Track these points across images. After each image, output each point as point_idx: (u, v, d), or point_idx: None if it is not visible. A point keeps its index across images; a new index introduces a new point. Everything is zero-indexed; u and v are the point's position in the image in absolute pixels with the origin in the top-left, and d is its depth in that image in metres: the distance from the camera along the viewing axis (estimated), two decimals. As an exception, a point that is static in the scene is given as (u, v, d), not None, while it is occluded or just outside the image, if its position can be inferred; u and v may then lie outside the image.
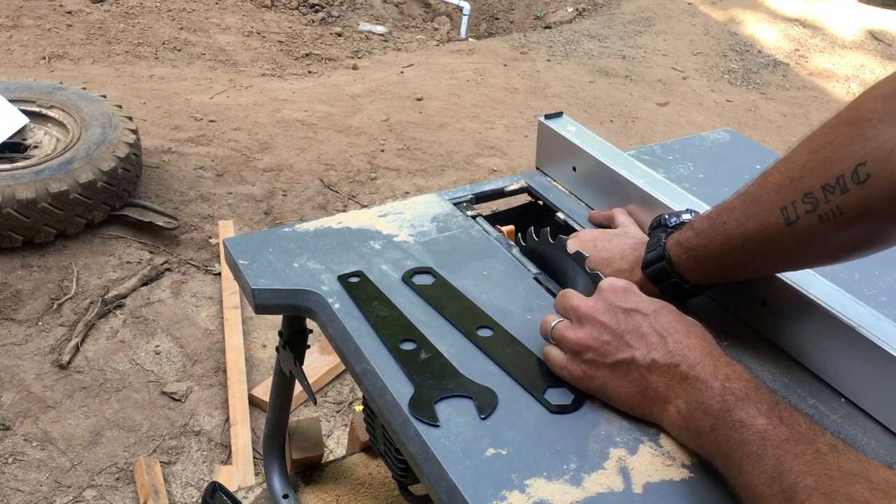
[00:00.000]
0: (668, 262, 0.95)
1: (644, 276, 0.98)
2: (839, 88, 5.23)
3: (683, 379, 0.77)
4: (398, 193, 3.50)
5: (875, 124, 0.76)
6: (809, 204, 0.80)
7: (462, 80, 4.78)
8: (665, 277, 0.96)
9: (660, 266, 0.96)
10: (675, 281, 0.95)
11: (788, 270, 0.94)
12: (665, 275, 0.96)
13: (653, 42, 5.63)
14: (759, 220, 0.85)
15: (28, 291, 2.68)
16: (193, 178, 3.40)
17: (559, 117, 1.34)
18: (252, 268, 1.05)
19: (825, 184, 0.78)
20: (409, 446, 0.81)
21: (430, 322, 0.96)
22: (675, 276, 0.95)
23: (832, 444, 0.67)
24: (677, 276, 0.95)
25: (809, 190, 0.80)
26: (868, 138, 0.76)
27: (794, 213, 0.81)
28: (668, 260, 0.95)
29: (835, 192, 0.78)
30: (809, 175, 0.80)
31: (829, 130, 0.81)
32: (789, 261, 0.89)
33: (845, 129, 0.79)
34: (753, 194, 0.87)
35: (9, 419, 2.27)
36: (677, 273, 0.95)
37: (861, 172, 0.75)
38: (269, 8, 5.71)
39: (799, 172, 0.82)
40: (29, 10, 5.05)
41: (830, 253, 0.85)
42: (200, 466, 2.22)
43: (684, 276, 0.95)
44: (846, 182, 0.77)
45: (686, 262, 0.94)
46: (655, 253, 0.97)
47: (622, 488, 0.75)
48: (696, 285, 0.96)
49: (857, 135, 0.77)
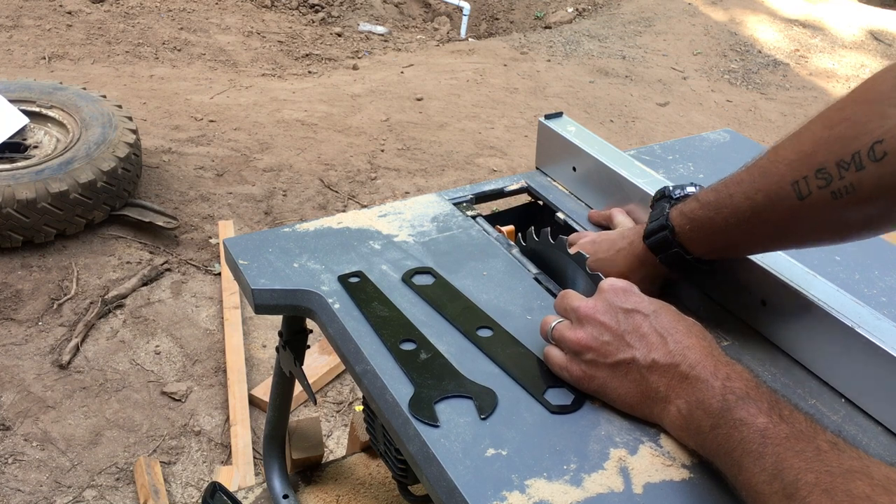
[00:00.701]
0: (671, 232, 0.94)
1: (645, 248, 0.97)
2: (839, 88, 5.23)
3: (684, 379, 0.77)
4: (398, 193, 3.50)
5: (893, 102, 0.75)
6: (822, 179, 0.79)
7: (462, 80, 4.78)
8: (667, 247, 0.95)
9: (662, 235, 0.95)
10: (677, 251, 0.94)
11: (792, 247, 0.93)
12: (667, 244, 0.95)
13: (653, 42, 5.63)
14: (768, 193, 0.84)
15: (28, 291, 2.68)
16: (193, 178, 3.40)
17: (559, 117, 1.34)
18: (252, 268, 1.05)
19: (840, 160, 0.78)
20: (409, 446, 0.81)
21: (430, 322, 0.96)
22: (677, 245, 0.94)
23: (832, 442, 0.67)
24: (679, 247, 0.94)
25: (823, 165, 0.79)
26: (886, 117, 0.75)
27: (806, 187, 0.81)
28: (670, 230, 0.94)
29: (850, 168, 0.77)
30: (823, 150, 0.80)
31: (845, 107, 0.81)
32: (796, 236, 0.88)
33: (862, 107, 0.78)
34: (763, 168, 0.86)
35: (9, 419, 2.27)
36: (679, 243, 0.94)
37: (878, 150, 0.75)
38: (269, 8, 5.71)
39: (812, 148, 0.81)
40: (29, 10, 5.05)
41: (839, 229, 0.84)
42: (200, 466, 2.22)
43: (686, 248, 0.94)
44: (862, 159, 0.76)
45: (689, 233, 0.93)
46: (658, 223, 0.96)
47: (622, 488, 0.75)
48: (698, 259, 0.95)
49: (874, 112, 0.77)
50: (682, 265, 0.96)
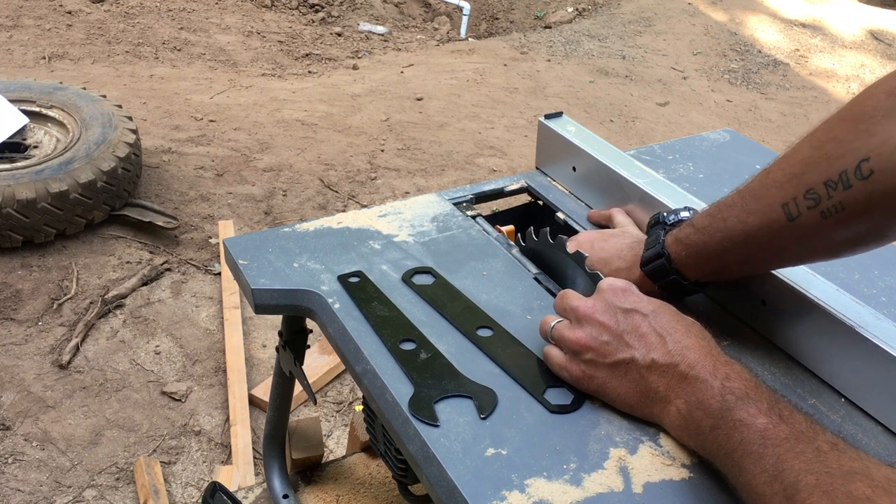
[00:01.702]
0: (667, 260, 0.95)
1: (643, 274, 0.98)
2: (839, 88, 5.23)
3: (683, 378, 0.77)
4: (398, 193, 3.50)
5: (879, 120, 0.75)
6: (811, 200, 0.79)
7: (462, 79, 4.78)
8: (664, 275, 0.96)
9: (659, 263, 0.96)
10: (675, 278, 0.95)
11: (788, 266, 0.93)
12: (664, 272, 0.95)
13: (653, 42, 5.63)
14: (759, 216, 0.85)
15: (28, 291, 2.68)
16: (193, 178, 3.40)
17: (559, 117, 1.34)
18: (252, 268, 1.05)
19: (828, 180, 0.78)
20: (409, 446, 0.81)
21: (430, 322, 0.96)
22: (675, 273, 0.95)
23: (832, 443, 0.67)
24: (676, 273, 0.95)
25: (811, 186, 0.79)
26: (872, 134, 0.75)
27: (795, 209, 0.81)
28: (666, 257, 0.95)
29: (837, 188, 0.77)
30: (811, 171, 0.80)
31: (832, 126, 0.81)
32: (789, 256, 0.89)
33: (848, 125, 0.78)
34: (754, 191, 0.87)
35: (9, 419, 2.27)
36: (676, 270, 0.94)
37: (864, 168, 0.75)
38: (269, 8, 5.71)
39: (801, 168, 0.81)
40: (29, 10, 5.05)
41: (831, 248, 0.85)
42: (200, 466, 2.22)
43: (683, 273, 0.95)
44: (849, 178, 0.76)
45: (685, 259, 0.93)
46: (654, 250, 0.96)
47: (622, 488, 0.75)
48: (695, 282, 0.96)
49: (860, 131, 0.77)
50: (681, 291, 0.97)
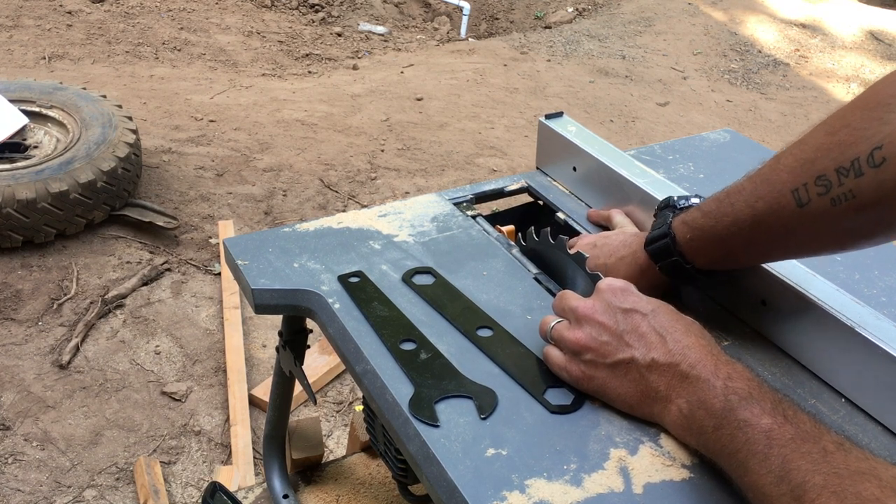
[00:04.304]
0: (672, 240, 0.94)
1: (647, 257, 0.97)
2: (839, 88, 5.23)
3: (684, 378, 0.77)
4: (398, 193, 3.50)
5: (893, 109, 0.75)
6: (822, 186, 0.79)
7: (462, 80, 4.78)
8: (667, 255, 0.95)
9: (663, 243, 0.95)
10: (676, 260, 0.94)
11: (793, 256, 0.93)
12: (667, 252, 0.95)
13: (653, 42, 5.63)
14: (769, 201, 0.84)
15: (28, 291, 2.68)
16: (193, 178, 3.40)
17: (559, 117, 1.34)
18: (252, 268, 1.05)
19: (839, 166, 0.77)
20: (409, 446, 0.81)
21: (430, 322, 0.96)
22: (678, 254, 0.94)
23: (838, 443, 0.66)
24: (679, 255, 0.94)
25: (823, 172, 0.79)
26: (886, 122, 0.75)
27: (805, 195, 0.80)
28: (672, 237, 0.94)
29: (849, 175, 0.77)
30: (824, 157, 0.79)
31: (846, 114, 0.80)
32: (796, 244, 0.88)
33: (863, 113, 0.78)
34: (764, 176, 0.86)
35: (9, 419, 2.27)
36: (679, 252, 0.94)
37: (877, 156, 0.74)
38: (269, 8, 5.71)
39: (813, 155, 0.81)
40: (29, 10, 5.05)
41: (839, 237, 0.84)
42: (200, 466, 2.22)
43: (686, 257, 0.94)
44: (861, 165, 0.76)
45: (690, 242, 0.93)
46: (660, 231, 0.96)
47: (622, 488, 0.75)
48: (696, 269, 0.95)
49: (874, 118, 0.76)
50: (682, 274, 0.96)
